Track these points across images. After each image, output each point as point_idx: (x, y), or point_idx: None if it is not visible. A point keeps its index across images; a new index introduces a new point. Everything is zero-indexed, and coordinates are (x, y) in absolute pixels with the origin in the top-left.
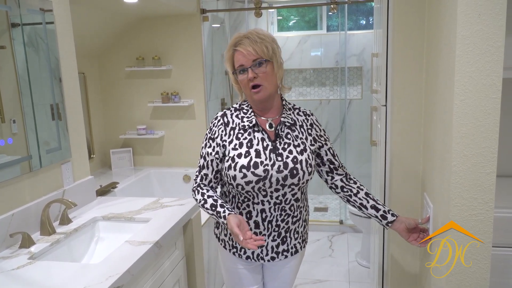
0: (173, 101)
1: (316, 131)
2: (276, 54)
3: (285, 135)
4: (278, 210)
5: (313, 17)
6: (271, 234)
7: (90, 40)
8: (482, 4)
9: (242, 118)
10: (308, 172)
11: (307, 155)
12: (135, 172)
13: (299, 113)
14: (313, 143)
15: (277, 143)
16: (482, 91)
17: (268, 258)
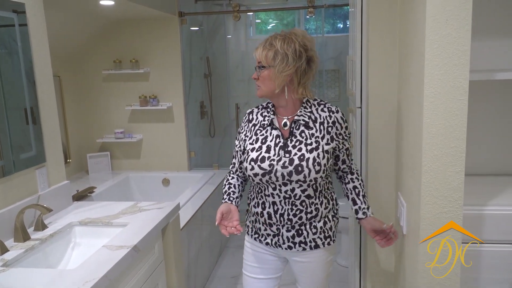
0: (151, 104)
1: (336, 129)
2: (277, 62)
3: (299, 133)
4: (289, 204)
5: (291, 20)
6: (284, 226)
7: (65, 42)
8: (449, 10)
9: (264, 117)
10: (315, 171)
11: (318, 153)
12: (113, 176)
13: (323, 109)
14: (329, 142)
15: (289, 140)
16: (450, 93)
17: (285, 246)
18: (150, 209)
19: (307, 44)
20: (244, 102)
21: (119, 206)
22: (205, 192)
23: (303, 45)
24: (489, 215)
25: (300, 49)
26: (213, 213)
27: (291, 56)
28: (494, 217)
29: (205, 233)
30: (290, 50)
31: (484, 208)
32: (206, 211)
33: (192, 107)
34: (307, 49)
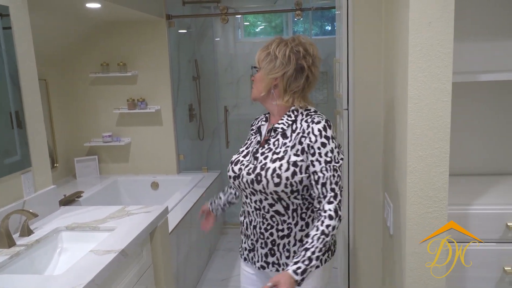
0: (139, 107)
1: (309, 141)
2: (264, 64)
3: (273, 141)
4: (260, 217)
5: (279, 23)
6: (258, 241)
7: (52, 45)
8: (432, 13)
9: (259, 123)
10: (274, 183)
11: (281, 164)
12: (101, 180)
13: (307, 120)
14: (298, 153)
15: (262, 147)
16: (434, 95)
17: (259, 265)
18: (138, 213)
19: (301, 51)
20: (233, 105)
21: (106, 211)
22: (194, 195)
23: (296, 51)
24: (474, 214)
25: (291, 54)
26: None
27: (280, 59)
28: (479, 216)
29: (194, 236)
30: (280, 53)
31: (469, 208)
32: (195, 214)
33: (181, 110)
34: (299, 57)
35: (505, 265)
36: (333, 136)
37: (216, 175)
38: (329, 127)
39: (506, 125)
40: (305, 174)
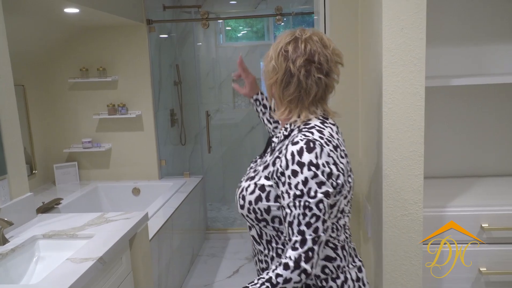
0: (120, 112)
1: (280, 165)
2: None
3: (265, 156)
4: (251, 237)
5: (260, 27)
6: (255, 263)
7: (30, 50)
8: (404, 19)
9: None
10: (239, 204)
11: (249, 185)
12: (81, 187)
13: (293, 137)
14: (268, 176)
15: (255, 161)
16: (408, 99)
17: None
18: (117, 220)
19: (289, 50)
20: (215, 109)
21: (85, 218)
22: (175, 201)
23: (285, 51)
24: (449, 216)
25: (280, 55)
26: (184, 222)
27: (274, 61)
28: (454, 218)
29: (176, 242)
30: (274, 54)
31: (445, 210)
32: (176, 219)
33: (162, 115)
34: (287, 58)
35: (480, 266)
36: (314, 163)
37: (198, 180)
38: (308, 150)
39: (479, 128)
40: (273, 203)
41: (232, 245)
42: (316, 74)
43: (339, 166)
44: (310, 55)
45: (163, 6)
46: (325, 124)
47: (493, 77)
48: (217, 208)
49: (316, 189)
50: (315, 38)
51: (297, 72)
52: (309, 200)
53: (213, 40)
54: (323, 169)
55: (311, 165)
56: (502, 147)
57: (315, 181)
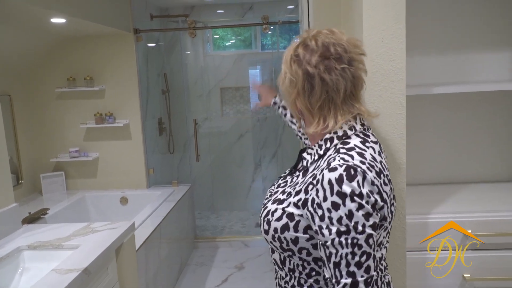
0: (107, 121)
1: (316, 194)
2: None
3: (296, 175)
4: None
5: (248, 36)
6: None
7: (16, 59)
8: (384, 29)
9: None
10: (264, 229)
11: (276, 209)
12: (68, 196)
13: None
14: (299, 205)
15: (284, 178)
16: (389, 108)
17: None
18: (103, 230)
19: (300, 53)
20: (203, 117)
21: (71, 228)
22: (163, 210)
23: (295, 56)
24: (433, 223)
25: (292, 62)
26: (173, 231)
27: (288, 74)
28: (438, 225)
29: (164, 251)
30: (287, 66)
31: (428, 216)
32: (164, 228)
33: (150, 124)
34: (300, 61)
35: (464, 273)
36: (357, 193)
37: (187, 189)
38: (349, 178)
39: (463, 135)
40: (302, 234)
41: (221, 254)
42: (338, 65)
43: (383, 196)
44: (324, 48)
45: (151, 15)
46: (366, 144)
47: (474, 85)
48: (206, 216)
49: (364, 223)
50: (324, 31)
51: (316, 71)
52: (357, 237)
53: (201, 49)
54: (368, 199)
55: (354, 195)
56: (485, 154)
57: (361, 213)
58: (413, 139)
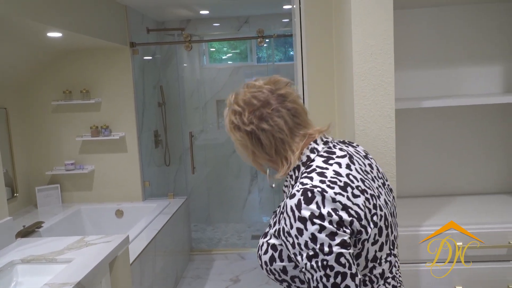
0: (103, 134)
1: (285, 224)
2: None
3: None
4: None
5: (244, 49)
6: None
7: (12, 73)
8: (373, 45)
9: None
10: (260, 264)
11: (263, 243)
12: (64, 209)
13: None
14: (275, 235)
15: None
16: (379, 121)
17: None
18: (97, 243)
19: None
20: (199, 130)
21: (65, 242)
22: (159, 223)
23: (232, 122)
24: (425, 235)
25: (233, 128)
26: (168, 243)
27: (236, 142)
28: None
29: (159, 264)
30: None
31: (420, 229)
32: (160, 241)
33: (146, 136)
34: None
35: (456, 285)
36: (316, 214)
37: (182, 201)
38: (307, 202)
39: (453, 148)
40: (288, 263)
41: (216, 266)
42: (268, 110)
43: (352, 210)
44: (248, 104)
45: (147, 29)
46: (329, 162)
47: (464, 99)
48: (202, 229)
49: (329, 243)
50: (241, 90)
51: (254, 126)
52: (326, 259)
53: (197, 62)
54: (330, 219)
55: (314, 217)
56: (475, 167)
57: (324, 234)
58: (404, 151)
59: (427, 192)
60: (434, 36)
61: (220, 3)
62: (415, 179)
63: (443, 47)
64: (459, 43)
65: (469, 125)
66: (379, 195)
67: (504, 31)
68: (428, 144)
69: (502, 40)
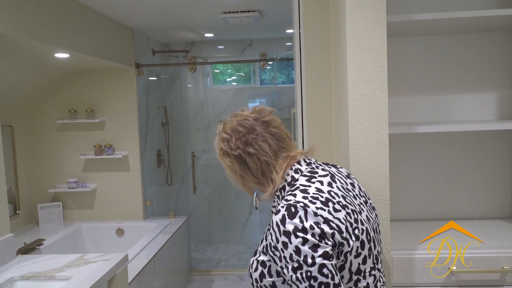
0: (106, 153)
1: (271, 239)
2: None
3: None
4: None
5: (247, 71)
6: None
7: (19, 91)
8: (367, 72)
9: None
10: (252, 279)
11: (253, 261)
12: (65, 227)
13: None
14: (264, 252)
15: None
16: (373, 146)
17: None
18: (96, 261)
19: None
20: (201, 150)
21: (64, 259)
22: (159, 242)
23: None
24: (418, 258)
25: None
26: (167, 263)
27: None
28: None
29: (158, 283)
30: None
31: (414, 252)
32: (159, 261)
33: (149, 156)
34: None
35: None
36: (299, 228)
37: (183, 221)
38: (290, 216)
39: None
40: (277, 278)
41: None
42: (253, 135)
43: (333, 223)
44: (234, 131)
45: (153, 50)
46: (312, 180)
47: (456, 125)
48: (202, 249)
49: (312, 255)
50: (228, 119)
51: (241, 151)
52: (310, 270)
53: (201, 83)
54: (313, 231)
55: (297, 231)
56: (469, 192)
57: (307, 246)
58: (398, 175)
59: (421, 216)
60: (429, 63)
61: (224, 27)
62: (409, 203)
63: (438, 74)
64: (454, 70)
65: (463, 150)
66: (361, 211)
67: (498, 60)
68: (423, 168)
69: (496, 68)
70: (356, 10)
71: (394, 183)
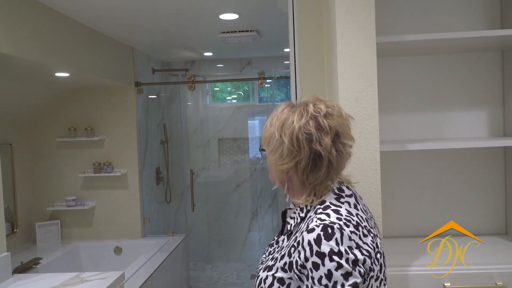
0: (105, 171)
1: (298, 256)
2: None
3: (282, 239)
4: None
5: (246, 89)
6: None
7: (19, 109)
8: (358, 91)
9: None
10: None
11: (267, 276)
12: (62, 246)
13: (308, 223)
14: (286, 268)
15: (275, 242)
16: (364, 163)
17: None
18: (92, 280)
19: (313, 132)
20: (200, 167)
21: (60, 278)
22: (157, 260)
23: (306, 133)
24: (413, 275)
25: (300, 136)
26: (165, 282)
27: (288, 145)
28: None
29: None
30: (287, 135)
31: (408, 269)
32: (157, 279)
33: (148, 173)
34: (312, 140)
35: None
36: (335, 251)
37: (181, 239)
38: (327, 238)
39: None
40: None
41: None
42: (344, 148)
43: (363, 249)
44: (335, 133)
45: (152, 69)
46: (341, 200)
47: (447, 142)
48: (201, 267)
49: (343, 282)
50: (334, 113)
51: (327, 154)
52: None
53: (200, 101)
54: (347, 256)
55: (333, 254)
56: (462, 208)
57: (340, 272)
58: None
59: (414, 233)
60: (421, 81)
61: (223, 46)
62: (401, 220)
63: (430, 92)
64: (446, 88)
65: (456, 167)
66: (377, 234)
67: (488, 78)
68: (416, 185)
69: (486, 86)
70: (346, 31)
71: (386, 200)
